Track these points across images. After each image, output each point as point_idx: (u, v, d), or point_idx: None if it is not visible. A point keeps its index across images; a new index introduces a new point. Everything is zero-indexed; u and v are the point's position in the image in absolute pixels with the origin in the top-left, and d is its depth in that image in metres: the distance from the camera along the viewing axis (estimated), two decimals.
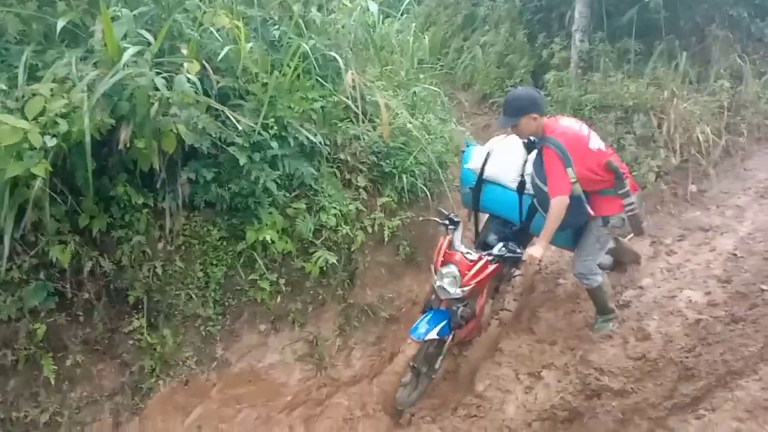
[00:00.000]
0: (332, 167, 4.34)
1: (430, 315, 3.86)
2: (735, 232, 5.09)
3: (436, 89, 5.45)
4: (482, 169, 4.26)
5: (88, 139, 2.99)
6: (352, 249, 4.35)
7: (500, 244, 3.86)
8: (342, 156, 4.37)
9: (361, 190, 4.44)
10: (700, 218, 5.34)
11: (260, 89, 3.84)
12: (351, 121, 4.45)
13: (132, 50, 3.19)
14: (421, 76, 5.65)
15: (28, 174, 2.90)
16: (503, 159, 4.24)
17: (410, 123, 4.63)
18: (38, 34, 3.43)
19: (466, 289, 3.74)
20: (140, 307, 3.77)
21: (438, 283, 3.78)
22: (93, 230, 3.52)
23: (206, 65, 3.63)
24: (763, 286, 4.47)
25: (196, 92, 3.42)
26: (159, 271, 3.76)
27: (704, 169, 5.66)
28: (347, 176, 4.43)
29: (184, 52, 3.55)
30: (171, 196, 3.73)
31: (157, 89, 3.21)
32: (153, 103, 3.23)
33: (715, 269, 4.73)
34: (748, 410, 3.40)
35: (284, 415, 4.02)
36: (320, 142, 4.05)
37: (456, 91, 6.95)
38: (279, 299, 4.13)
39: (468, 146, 4.53)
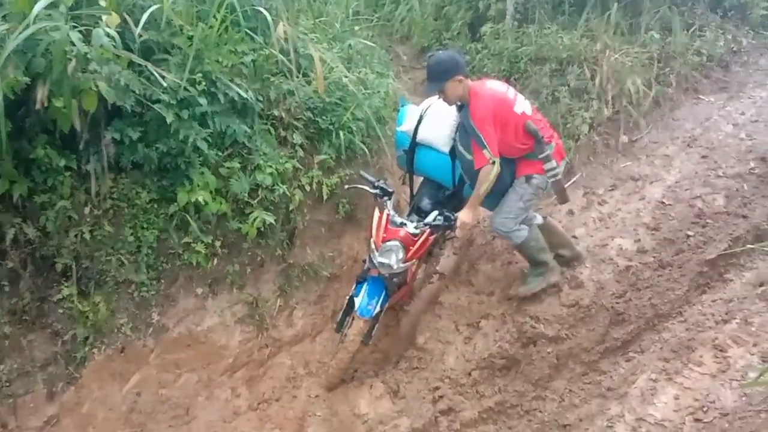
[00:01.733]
0: (266, 124, 4.21)
1: (369, 287, 3.86)
2: (663, 181, 5.27)
3: (372, 43, 5.34)
4: (415, 131, 4.20)
5: None
6: (290, 208, 4.28)
7: (435, 212, 3.87)
8: (276, 112, 4.24)
9: (297, 147, 4.33)
10: (631, 168, 5.50)
11: (186, 43, 3.65)
12: (284, 75, 4.30)
13: (44, 2, 2.97)
14: (357, 28, 5.53)
15: None
16: (436, 121, 4.16)
17: (346, 77, 4.53)
18: None
19: (407, 264, 3.78)
20: (69, 274, 3.63)
21: (380, 259, 3.75)
22: (14, 196, 3.33)
23: (127, 18, 3.42)
24: (689, 232, 4.68)
25: (116, 47, 3.23)
26: (87, 236, 3.60)
27: (635, 119, 5.80)
28: (282, 133, 4.31)
29: (102, 3, 3.33)
30: (95, 157, 3.54)
31: (73, 44, 3.02)
32: (70, 60, 3.04)
33: (645, 217, 4.91)
34: (673, 350, 3.59)
35: (226, 377, 4.00)
36: (252, 98, 3.91)
37: (393, 44, 6.85)
38: (215, 262, 4.04)
39: (402, 106, 4.47)
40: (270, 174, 4.04)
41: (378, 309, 3.82)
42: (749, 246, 4.27)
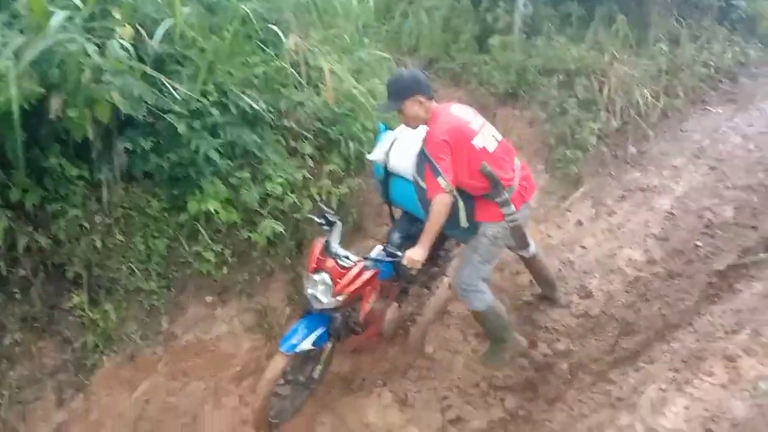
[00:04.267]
0: (276, 135, 4.25)
1: (306, 322, 3.52)
2: (672, 192, 5.28)
3: (381, 53, 5.38)
4: (387, 159, 3.83)
5: (16, 108, 2.83)
6: (300, 218, 4.31)
7: (379, 248, 3.56)
8: (286, 123, 4.29)
9: (307, 157, 4.37)
10: (639, 179, 5.51)
11: (198, 55, 3.71)
12: (294, 87, 4.35)
13: (60, 14, 3.02)
14: (366, 40, 5.57)
15: None
16: (406, 149, 3.72)
17: (355, 88, 4.57)
18: None
19: (339, 298, 3.38)
20: (80, 282, 3.66)
21: (310, 290, 3.44)
22: (26, 204, 3.37)
23: (140, 30, 3.48)
24: (698, 242, 4.68)
25: (130, 58, 3.27)
26: (98, 244, 3.63)
27: (643, 131, 5.82)
28: (292, 144, 4.35)
29: (117, 16, 3.39)
30: (107, 167, 3.59)
31: (88, 55, 3.07)
32: (84, 71, 3.09)
33: (653, 228, 4.91)
34: (683, 360, 3.55)
35: (234, 386, 4.00)
36: (263, 109, 3.95)
37: (401, 56, 6.88)
38: (225, 270, 4.06)
39: (380, 131, 4.10)
40: (280, 184, 4.07)
41: (308, 347, 3.42)
42: (761, 255, 4.26)
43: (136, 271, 3.76)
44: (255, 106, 3.88)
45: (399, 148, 3.76)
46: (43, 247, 3.48)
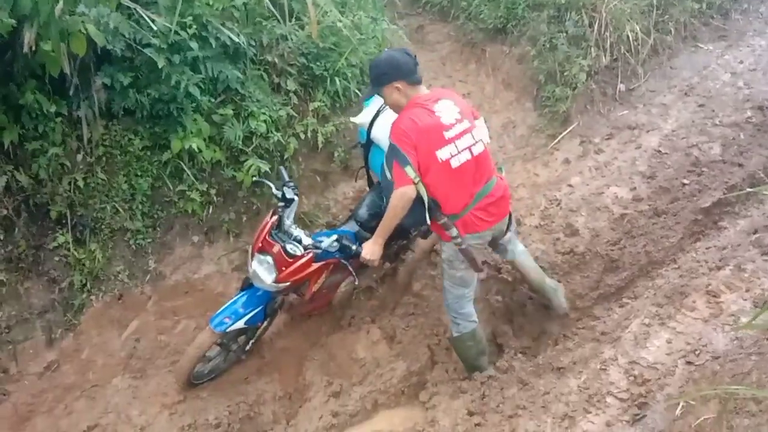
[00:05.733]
0: (259, 70, 4.14)
1: (244, 299, 3.39)
2: (660, 130, 5.25)
3: None
4: (371, 126, 3.58)
5: None
6: (285, 156, 4.25)
7: (333, 237, 3.23)
8: (269, 58, 4.16)
9: (291, 94, 4.27)
10: (628, 117, 5.47)
11: None
12: (276, 19, 4.20)
13: None
14: None
15: None
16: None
17: (340, 22, 4.42)
18: None
19: (282, 285, 3.25)
20: (64, 222, 3.63)
21: (253, 267, 3.28)
22: (4, 143, 3.31)
23: None
24: (685, 180, 4.69)
25: None
26: (80, 183, 3.60)
27: (633, 68, 5.73)
28: (276, 80, 4.24)
29: None
30: (86, 103, 3.51)
31: None
32: (57, 1, 2.94)
33: (641, 166, 4.91)
34: (667, 296, 3.62)
35: None
36: (244, 43, 3.83)
37: None
38: (211, 210, 4.04)
39: (369, 97, 3.75)
40: (264, 121, 3.99)
41: (240, 326, 3.33)
42: (745, 191, 4.29)
43: (121, 210, 3.73)
44: (236, 39, 3.75)
45: (384, 118, 3.46)
46: (24, 187, 3.44)
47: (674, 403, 2.70)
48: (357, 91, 4.58)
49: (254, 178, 3.91)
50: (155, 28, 3.37)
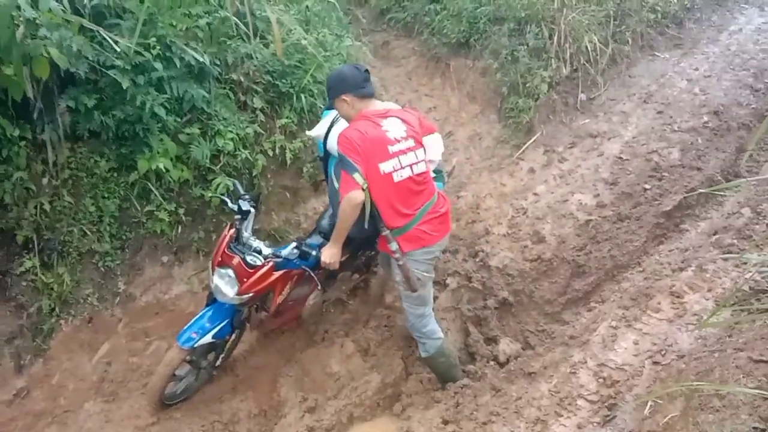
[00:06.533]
0: (225, 88, 4.16)
1: (209, 313, 3.39)
2: (621, 137, 5.39)
3: (330, 1, 5.26)
4: (326, 138, 3.58)
5: None
6: (254, 174, 4.27)
7: (292, 245, 3.28)
8: (234, 76, 4.19)
9: (258, 111, 4.30)
10: (590, 125, 5.60)
11: (138, 6, 3.56)
12: (241, 38, 4.24)
13: None
14: None
15: None
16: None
17: (305, 39, 4.48)
18: None
19: (245, 297, 3.25)
20: (31, 246, 3.59)
21: (215, 281, 3.28)
22: None
23: None
24: (646, 186, 4.82)
25: (65, 11, 3.13)
26: (47, 207, 3.56)
27: (593, 77, 5.88)
28: (242, 98, 4.27)
29: None
30: (51, 126, 3.48)
31: (20, 9, 2.91)
32: (18, 25, 2.95)
33: (603, 173, 5.03)
34: (632, 298, 3.71)
35: None
36: (209, 62, 3.86)
37: (352, 7, 6.75)
38: (180, 229, 4.03)
39: (326, 110, 3.79)
40: (231, 139, 4.02)
41: (208, 341, 3.33)
42: (702, 191, 4.43)
43: (88, 233, 3.70)
44: (200, 59, 3.77)
45: (337, 129, 3.45)
46: None
47: (642, 403, 2.76)
48: (323, 108, 4.62)
49: (219, 195, 3.89)
50: (118, 49, 3.37)
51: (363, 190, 2.98)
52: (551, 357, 3.54)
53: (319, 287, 3.65)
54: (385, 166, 3.07)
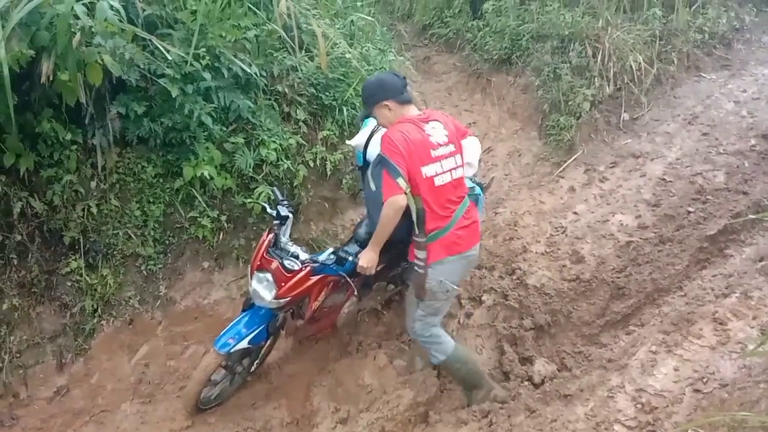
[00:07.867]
0: (270, 100, 4.24)
1: (246, 319, 3.44)
2: (664, 158, 5.29)
3: (369, 18, 5.33)
4: (365, 148, 3.58)
5: (5, 71, 2.82)
6: (295, 184, 4.33)
7: (329, 251, 3.33)
8: (279, 88, 4.27)
9: (301, 123, 4.37)
10: (632, 145, 5.52)
11: (189, 17, 3.67)
12: (287, 51, 4.33)
13: None
14: (359, 4, 5.51)
15: None
16: None
17: (349, 53, 4.54)
18: None
19: (282, 301, 3.28)
20: (77, 247, 3.69)
21: (253, 286, 3.33)
22: (20, 170, 3.38)
23: None
24: (690, 208, 4.72)
25: (120, 20, 3.23)
26: (94, 210, 3.66)
27: (636, 97, 5.80)
28: (286, 109, 4.34)
29: None
30: (101, 131, 3.60)
31: (77, 17, 3.02)
32: (75, 33, 3.05)
33: (645, 194, 4.94)
34: (673, 323, 3.63)
35: None
36: (256, 73, 3.93)
37: (395, 22, 6.83)
38: (221, 236, 4.10)
39: (364, 120, 3.79)
40: (274, 149, 4.08)
41: (244, 346, 3.36)
42: (750, 216, 4.32)
43: (133, 236, 3.79)
44: (247, 70, 3.86)
45: (378, 137, 3.41)
46: (39, 213, 3.50)
47: (682, 431, 2.69)
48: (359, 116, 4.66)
49: (261, 203, 3.96)
50: (170, 58, 3.48)
51: (405, 194, 2.99)
52: (588, 380, 3.48)
53: (355, 293, 3.66)
54: (428, 170, 3.09)
